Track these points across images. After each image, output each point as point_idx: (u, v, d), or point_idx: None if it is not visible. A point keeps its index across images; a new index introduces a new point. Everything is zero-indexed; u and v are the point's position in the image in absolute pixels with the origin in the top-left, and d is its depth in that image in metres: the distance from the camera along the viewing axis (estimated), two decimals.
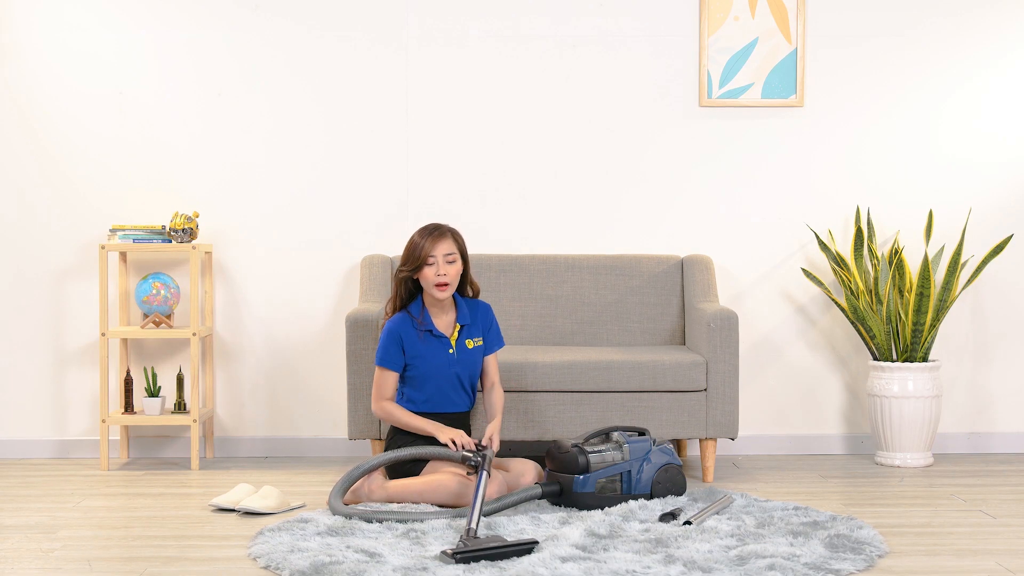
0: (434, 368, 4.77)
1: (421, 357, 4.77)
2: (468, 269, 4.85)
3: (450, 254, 4.73)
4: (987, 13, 5.88)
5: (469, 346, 4.83)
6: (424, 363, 4.77)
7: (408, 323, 4.79)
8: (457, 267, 4.76)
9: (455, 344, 4.80)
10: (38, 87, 5.79)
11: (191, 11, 5.80)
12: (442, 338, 4.79)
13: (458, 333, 4.82)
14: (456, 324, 4.83)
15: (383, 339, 4.79)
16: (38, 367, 5.82)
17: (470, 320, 4.86)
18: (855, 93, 5.88)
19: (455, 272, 4.75)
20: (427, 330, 4.78)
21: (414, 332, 4.78)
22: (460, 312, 4.85)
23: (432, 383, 4.79)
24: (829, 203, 5.89)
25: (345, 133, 5.84)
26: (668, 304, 5.73)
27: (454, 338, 4.81)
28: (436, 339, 4.79)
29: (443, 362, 4.78)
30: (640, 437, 4.68)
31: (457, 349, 4.80)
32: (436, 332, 4.78)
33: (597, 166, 5.89)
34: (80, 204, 5.80)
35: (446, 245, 4.73)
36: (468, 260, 4.84)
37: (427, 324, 4.78)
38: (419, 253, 4.71)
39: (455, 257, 4.75)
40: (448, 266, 4.72)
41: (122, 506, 4.77)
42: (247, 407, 5.86)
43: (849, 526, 4.18)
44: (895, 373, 5.51)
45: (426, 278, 4.73)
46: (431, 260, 4.71)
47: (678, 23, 5.85)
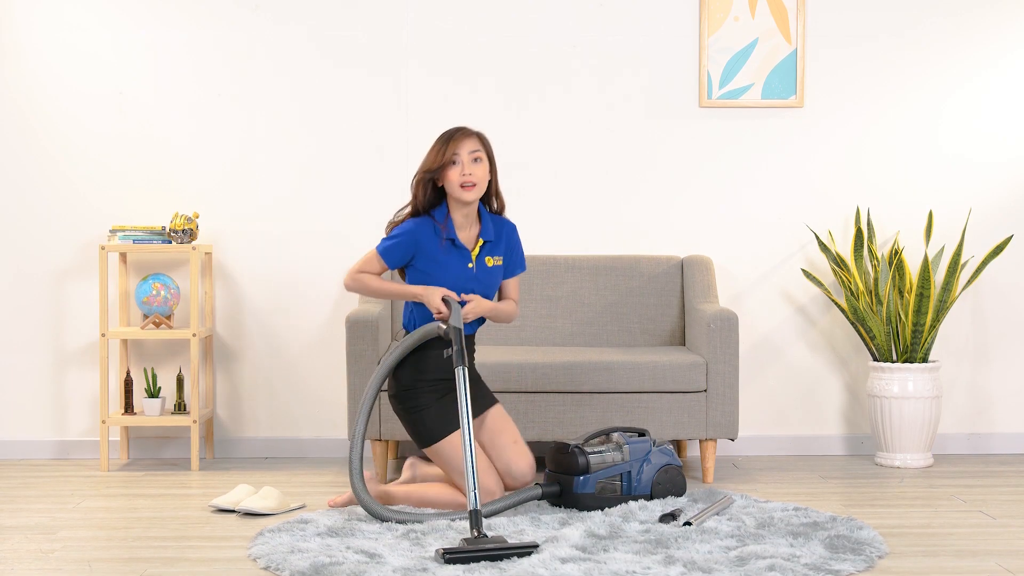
0: (450, 281, 4.42)
1: (440, 267, 4.42)
2: (496, 177, 4.50)
3: (475, 151, 4.38)
4: (987, 13, 5.88)
5: (489, 264, 4.49)
6: (441, 274, 4.41)
7: (430, 228, 4.42)
8: (484, 167, 4.40)
9: (475, 259, 4.47)
10: (38, 87, 5.80)
11: (191, 11, 5.80)
12: (463, 250, 4.44)
13: (479, 249, 4.48)
14: (479, 239, 4.49)
15: (398, 233, 4.41)
16: (38, 368, 5.82)
17: (494, 237, 4.51)
18: (855, 93, 5.88)
19: (482, 172, 4.39)
20: (449, 239, 4.44)
21: (435, 239, 4.42)
22: (484, 227, 4.49)
23: None
24: (829, 204, 5.89)
25: (345, 133, 5.84)
26: (668, 305, 5.73)
27: (475, 253, 4.47)
28: (457, 250, 4.44)
29: (461, 276, 4.43)
30: (640, 438, 4.68)
31: (477, 265, 4.47)
32: (458, 243, 4.44)
33: (597, 166, 5.89)
34: (80, 204, 5.80)
35: (471, 143, 4.39)
36: (496, 167, 4.50)
37: (450, 232, 4.42)
38: (441, 153, 4.36)
39: (481, 155, 4.39)
40: (474, 165, 4.37)
41: (122, 507, 4.77)
42: (247, 408, 5.86)
43: (849, 527, 4.18)
44: (895, 374, 5.51)
45: (450, 181, 4.37)
46: (455, 159, 4.37)
47: (678, 23, 5.85)
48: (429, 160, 4.40)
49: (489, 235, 4.49)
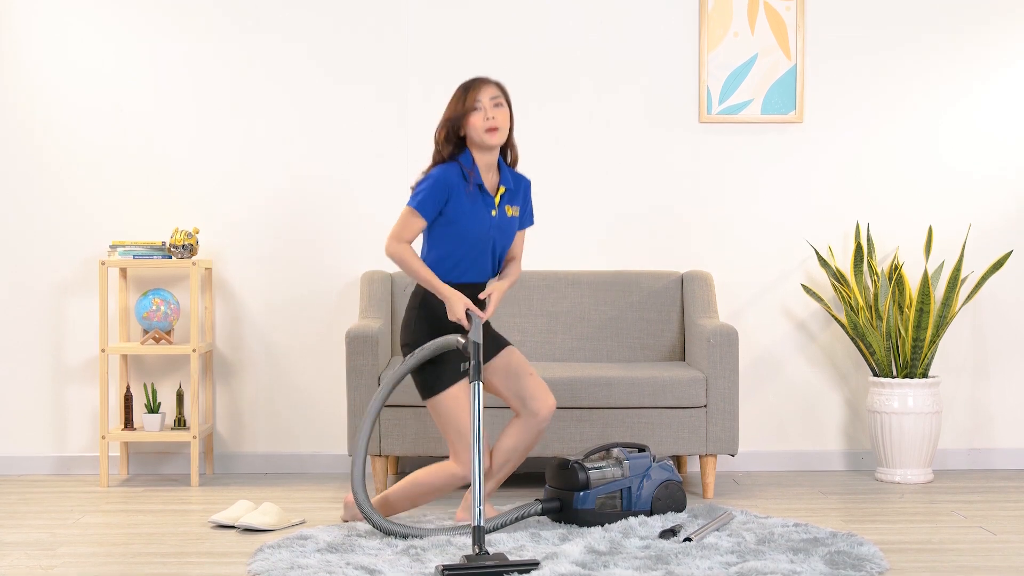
0: (475, 227, 4.43)
1: (464, 212, 4.42)
2: (512, 126, 4.53)
3: (496, 97, 4.43)
4: (985, 28, 5.89)
5: (508, 213, 4.51)
6: (467, 219, 4.42)
7: (458, 172, 4.44)
8: (505, 112, 4.44)
9: (497, 206, 4.48)
10: (39, 100, 5.80)
11: (190, 26, 5.81)
12: (487, 196, 4.46)
13: (500, 197, 4.50)
14: (500, 186, 4.51)
15: (429, 183, 4.42)
16: (38, 383, 5.82)
17: (513, 187, 4.55)
18: (854, 109, 5.89)
19: (504, 117, 4.43)
20: (477, 184, 4.45)
21: (463, 184, 4.42)
22: (504, 176, 4.52)
23: (469, 244, 4.45)
24: (829, 219, 5.89)
25: (345, 148, 5.85)
26: (668, 320, 5.73)
27: (497, 199, 4.49)
28: (483, 196, 4.45)
29: (484, 222, 4.44)
30: (640, 453, 4.68)
31: (499, 212, 4.48)
32: (484, 188, 4.45)
33: (597, 181, 5.89)
34: (80, 219, 5.80)
35: (491, 89, 4.44)
36: (513, 116, 4.53)
37: (477, 178, 4.44)
38: (462, 101, 4.41)
39: (501, 100, 4.45)
40: (496, 110, 4.41)
41: (122, 523, 4.76)
42: (247, 423, 5.86)
43: (849, 543, 4.17)
44: (895, 389, 5.51)
45: (474, 126, 4.41)
46: (477, 105, 4.41)
47: (678, 39, 5.86)
48: (451, 109, 4.45)
49: (509, 184, 4.53)
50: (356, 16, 5.83)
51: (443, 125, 4.47)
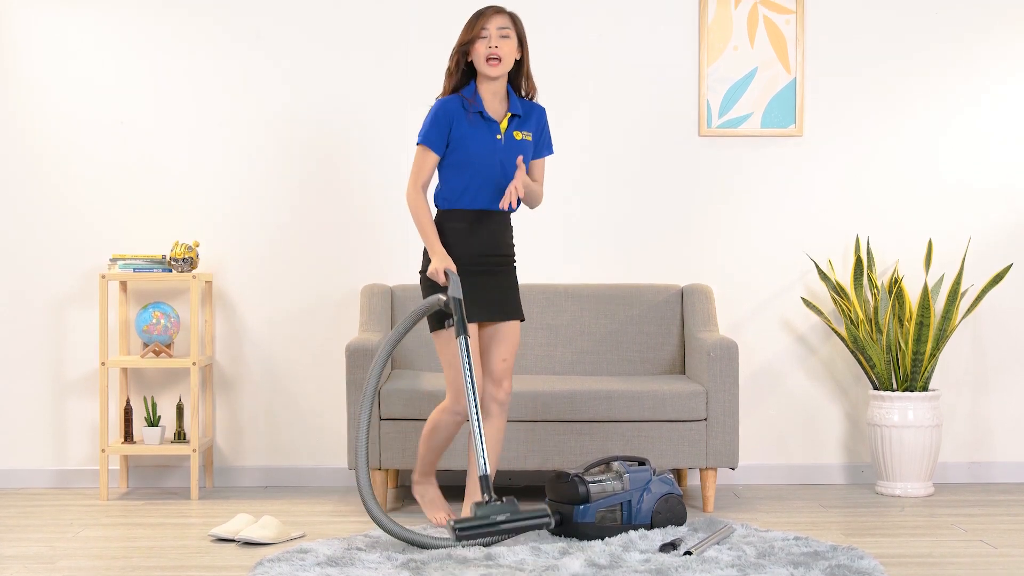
0: (479, 151, 4.55)
1: (467, 137, 4.55)
2: (527, 61, 4.64)
3: (504, 28, 4.53)
4: (985, 41, 5.90)
5: (517, 137, 4.60)
6: (470, 144, 4.55)
7: (458, 102, 4.57)
8: (511, 43, 4.53)
9: (504, 132, 4.59)
10: (40, 115, 5.81)
11: (191, 40, 5.83)
12: (491, 122, 4.57)
13: (507, 123, 4.60)
14: (508, 112, 4.61)
15: (429, 117, 4.58)
16: (38, 396, 5.82)
17: (523, 113, 4.63)
18: (854, 122, 5.90)
19: (509, 49, 4.53)
20: (477, 111, 4.56)
21: (463, 112, 4.55)
22: (512, 103, 4.62)
23: (474, 169, 4.56)
24: (829, 232, 5.89)
25: (346, 161, 5.86)
26: (668, 333, 5.73)
27: (503, 125, 4.59)
28: (485, 122, 4.57)
29: (489, 147, 4.56)
30: (640, 467, 4.67)
31: (505, 137, 4.58)
32: (486, 115, 4.56)
33: (596, 194, 5.90)
34: (81, 233, 5.80)
35: (501, 19, 4.54)
36: (527, 50, 4.63)
37: (478, 105, 4.56)
38: (471, 28, 4.53)
39: (509, 32, 4.54)
40: (501, 40, 4.51)
41: (121, 536, 4.76)
42: (247, 437, 5.85)
43: (850, 556, 4.16)
44: (895, 402, 5.51)
45: (478, 53, 4.53)
46: (483, 33, 4.52)
47: (677, 53, 5.87)
48: (462, 35, 4.57)
49: (517, 110, 4.61)
50: (356, 35, 5.84)
51: (454, 51, 4.59)
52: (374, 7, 5.85)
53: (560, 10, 5.87)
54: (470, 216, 4.62)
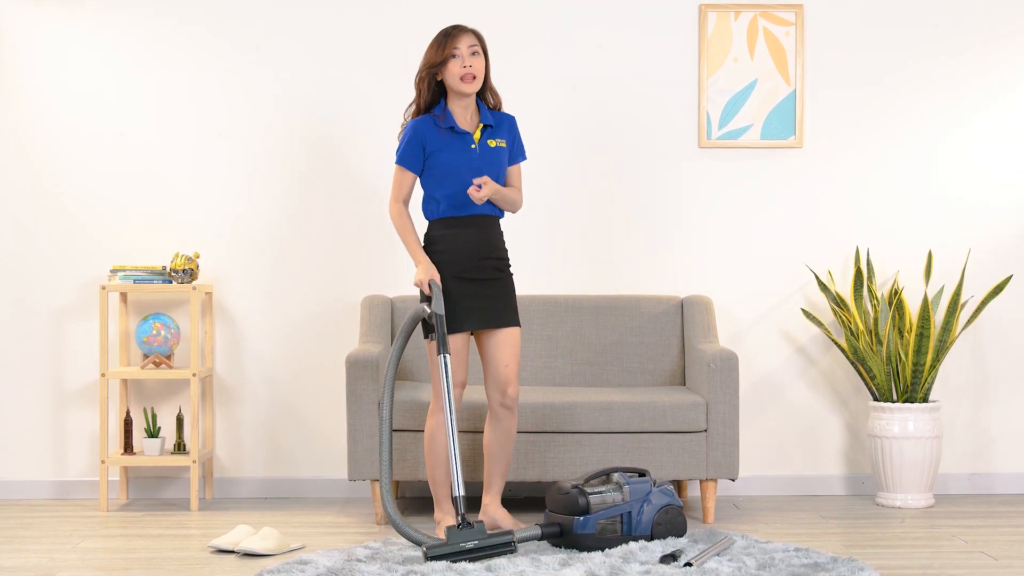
0: (455, 162, 4.69)
1: (441, 151, 4.70)
2: (489, 73, 4.79)
3: (473, 46, 4.68)
4: (986, 54, 5.91)
5: (492, 145, 4.75)
6: (445, 156, 4.69)
7: (430, 122, 4.73)
8: (481, 60, 4.69)
9: (478, 141, 4.74)
10: (41, 127, 5.82)
11: (192, 52, 5.83)
12: (464, 134, 4.73)
13: (480, 132, 4.75)
14: (480, 124, 4.76)
15: (404, 137, 4.74)
16: (38, 407, 5.81)
17: (494, 123, 4.79)
18: (854, 134, 5.91)
19: (480, 65, 4.68)
20: (449, 127, 4.71)
21: (435, 130, 4.71)
22: (483, 115, 4.78)
23: (454, 178, 4.70)
24: (828, 244, 5.90)
25: (347, 174, 5.86)
26: (668, 344, 5.73)
27: (477, 135, 4.74)
28: (458, 135, 4.72)
29: (464, 157, 4.70)
30: (640, 478, 4.67)
31: (480, 145, 4.73)
32: (458, 129, 4.72)
33: (597, 206, 5.90)
34: (81, 244, 5.81)
35: (469, 38, 4.69)
36: (489, 62, 4.78)
37: (449, 121, 4.71)
38: (442, 48, 4.66)
39: (478, 49, 4.69)
40: (473, 58, 4.67)
41: (121, 547, 4.76)
42: (247, 448, 5.85)
43: (850, 568, 4.16)
44: (895, 414, 5.50)
45: (451, 73, 4.67)
46: (455, 53, 4.66)
47: (677, 65, 5.88)
48: (429, 56, 4.71)
49: (489, 121, 4.76)
50: (356, 49, 5.85)
51: (422, 72, 4.72)
52: (374, 21, 5.86)
53: (561, 21, 5.88)
54: (457, 222, 4.75)
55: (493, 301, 4.76)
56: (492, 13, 5.84)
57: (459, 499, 4.35)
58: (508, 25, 5.87)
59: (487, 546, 4.25)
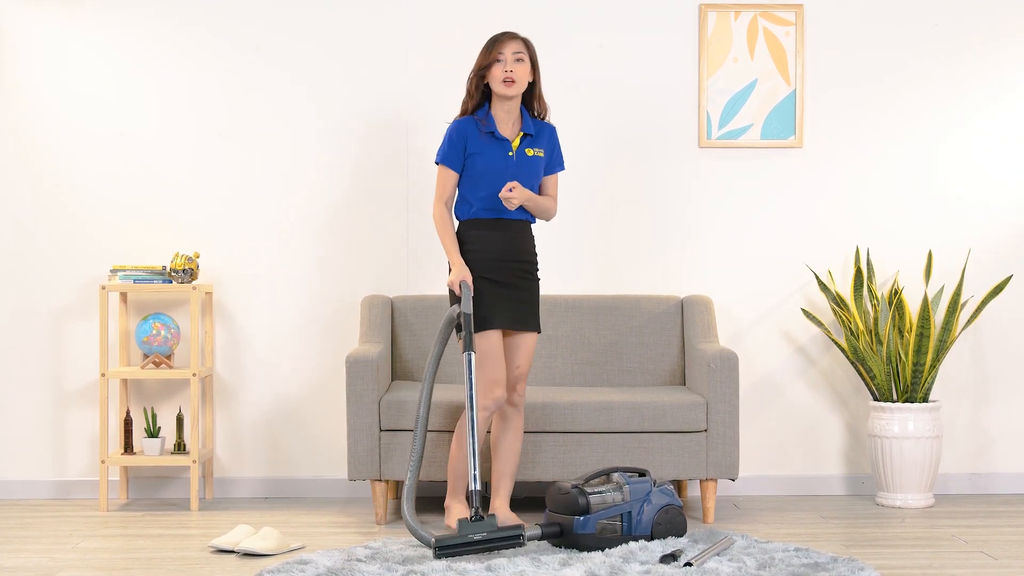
0: (491, 167, 4.85)
1: (480, 154, 4.85)
2: (539, 82, 4.95)
3: (518, 52, 4.84)
4: (986, 53, 5.91)
5: (529, 154, 4.90)
6: (482, 160, 4.84)
7: (472, 123, 4.88)
8: (525, 67, 4.84)
9: (516, 150, 4.88)
10: (40, 127, 5.82)
11: (192, 52, 5.83)
12: (503, 141, 4.87)
13: (520, 141, 4.90)
14: (520, 131, 4.91)
15: (446, 137, 4.90)
16: (38, 407, 5.81)
17: (535, 132, 4.94)
18: (854, 134, 5.91)
19: (523, 72, 4.84)
20: (489, 131, 4.86)
21: (476, 132, 4.86)
22: (525, 123, 4.93)
23: (488, 183, 4.85)
24: (828, 243, 5.90)
25: (346, 174, 5.86)
26: (668, 344, 5.73)
27: (515, 143, 4.88)
28: (497, 141, 4.87)
29: (501, 163, 4.85)
30: (640, 478, 4.67)
31: (517, 154, 4.88)
32: (498, 135, 4.87)
33: (597, 206, 5.90)
34: (81, 244, 5.81)
35: (515, 44, 4.85)
36: (539, 72, 4.94)
37: (490, 126, 4.87)
38: (489, 52, 4.83)
39: (523, 56, 4.85)
40: (516, 64, 4.82)
41: (121, 547, 4.76)
42: (247, 448, 5.85)
43: (850, 567, 4.16)
44: (895, 413, 5.50)
45: (494, 76, 4.83)
46: (500, 57, 4.82)
47: (677, 65, 5.88)
48: (480, 60, 4.88)
49: (530, 129, 4.92)
50: (356, 48, 5.85)
51: (473, 73, 4.90)
52: (374, 21, 5.86)
53: (562, 21, 5.88)
54: (488, 224, 4.89)
55: (518, 304, 4.90)
56: (492, 13, 5.84)
57: (475, 493, 4.42)
58: (508, 25, 5.85)
59: (496, 538, 4.31)
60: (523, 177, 4.88)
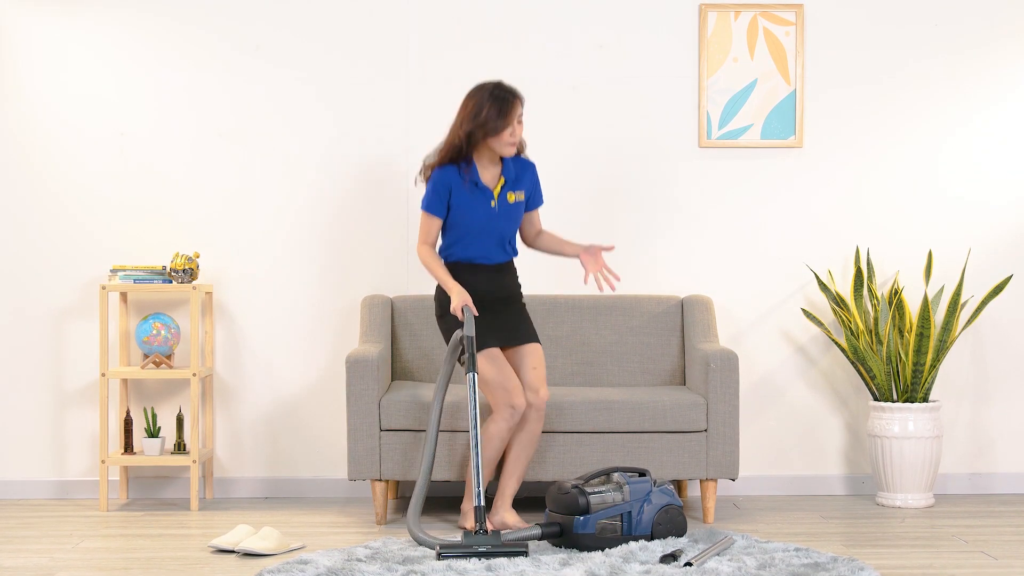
0: (475, 218, 4.95)
1: (463, 207, 4.93)
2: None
3: (521, 115, 4.93)
4: (986, 54, 5.91)
5: (511, 199, 4.99)
6: (465, 213, 4.94)
7: (455, 173, 4.94)
8: (523, 126, 4.97)
9: (497, 197, 4.97)
10: (40, 127, 5.81)
11: (192, 52, 5.83)
12: (486, 191, 4.95)
13: (501, 187, 4.97)
14: (501, 177, 4.98)
15: (430, 186, 4.96)
16: (38, 407, 5.81)
17: (515, 175, 5.01)
18: (854, 134, 5.91)
19: (521, 131, 4.96)
20: (473, 182, 4.93)
21: (460, 180, 4.93)
22: (505, 166, 4.99)
23: (471, 233, 4.96)
24: (829, 243, 5.90)
25: (346, 175, 5.86)
26: (668, 344, 5.73)
27: (496, 191, 4.97)
28: (480, 191, 4.94)
29: (484, 214, 4.95)
30: (640, 478, 4.67)
31: (499, 202, 4.97)
32: (481, 184, 4.94)
33: (597, 206, 5.90)
34: (81, 244, 5.81)
35: (520, 107, 4.93)
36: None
37: (473, 176, 4.93)
38: (503, 119, 4.84)
39: (522, 117, 4.95)
40: (519, 126, 4.93)
41: (121, 547, 4.76)
42: (247, 448, 5.85)
43: (850, 567, 4.16)
44: (895, 413, 5.50)
45: (501, 140, 4.88)
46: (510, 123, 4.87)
47: (677, 65, 5.88)
48: (490, 121, 4.85)
49: (511, 174, 4.98)
50: (357, 47, 5.85)
51: (475, 130, 4.86)
52: (374, 21, 5.85)
53: (561, 21, 5.88)
54: (469, 268, 5.00)
55: (511, 321, 5.02)
56: (492, 13, 5.84)
57: (480, 509, 4.48)
58: (508, 24, 5.87)
59: (499, 552, 4.32)
60: (505, 224, 4.99)
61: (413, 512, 4.65)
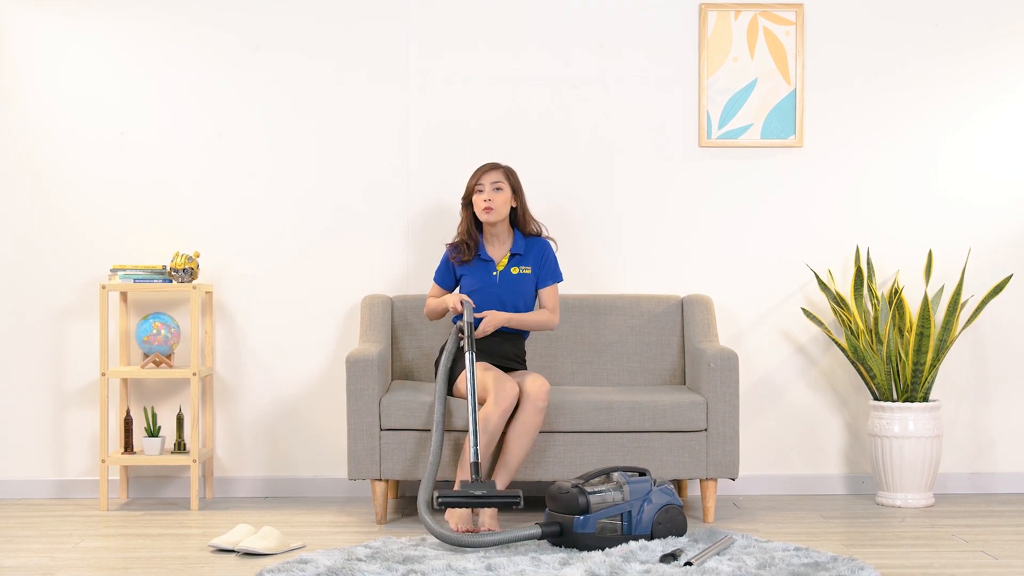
0: (475, 286, 5.26)
1: (467, 275, 5.29)
2: (524, 205, 5.34)
3: (497, 182, 5.23)
4: (986, 53, 5.91)
5: (514, 272, 5.30)
6: (468, 280, 5.28)
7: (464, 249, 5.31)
8: (504, 195, 5.23)
9: (500, 270, 5.28)
10: (40, 128, 5.81)
11: (193, 53, 5.83)
12: (489, 262, 5.30)
13: (507, 260, 5.30)
14: (508, 252, 5.31)
15: (441, 263, 5.39)
16: (38, 407, 5.81)
17: (523, 251, 5.32)
18: (854, 133, 5.91)
19: (501, 199, 5.22)
20: (478, 255, 5.30)
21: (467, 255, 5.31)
22: (516, 243, 5.33)
23: (474, 297, 5.24)
24: (829, 243, 5.90)
25: (346, 174, 5.86)
26: (668, 344, 5.73)
27: (501, 264, 5.30)
28: (483, 262, 5.29)
29: (485, 283, 5.26)
30: (640, 477, 4.67)
31: (501, 273, 5.28)
32: (484, 256, 5.30)
33: (597, 206, 5.90)
34: (81, 244, 5.81)
35: (494, 175, 5.24)
36: (522, 196, 5.33)
37: (479, 250, 5.30)
38: (471, 183, 5.25)
39: (502, 185, 5.23)
40: (495, 193, 5.22)
41: (121, 547, 4.76)
42: (247, 447, 5.85)
43: (850, 567, 4.16)
44: (896, 413, 5.50)
45: (476, 204, 5.24)
46: (479, 188, 5.22)
47: (678, 64, 5.88)
48: (466, 189, 5.31)
49: (519, 249, 5.32)
50: (356, 48, 5.85)
51: (463, 200, 5.33)
52: (375, 22, 5.86)
53: (561, 20, 5.88)
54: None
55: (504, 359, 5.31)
56: (492, 12, 5.84)
57: (476, 464, 4.73)
58: (508, 24, 5.87)
59: (495, 496, 4.63)
60: (507, 294, 5.27)
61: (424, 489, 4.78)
